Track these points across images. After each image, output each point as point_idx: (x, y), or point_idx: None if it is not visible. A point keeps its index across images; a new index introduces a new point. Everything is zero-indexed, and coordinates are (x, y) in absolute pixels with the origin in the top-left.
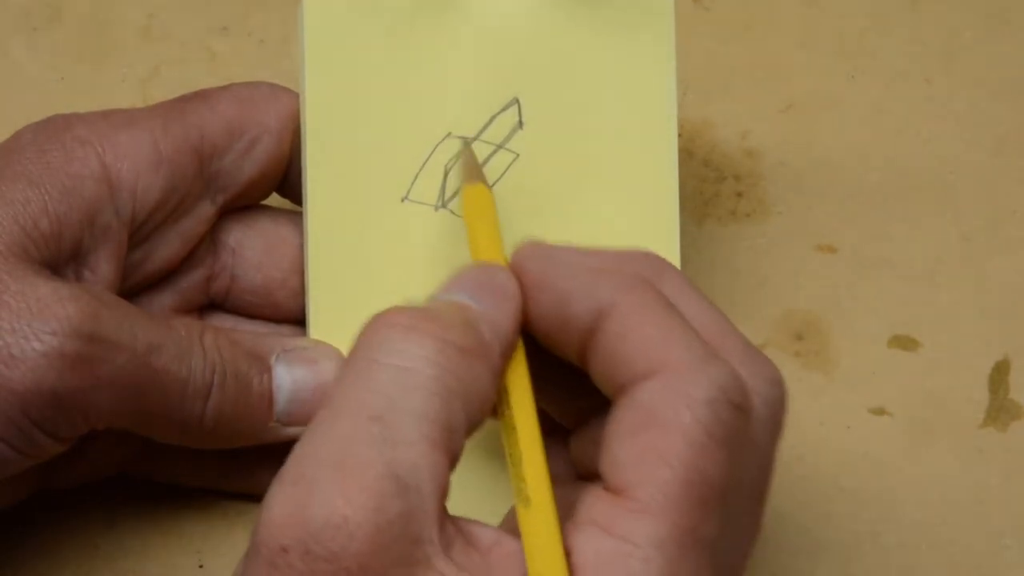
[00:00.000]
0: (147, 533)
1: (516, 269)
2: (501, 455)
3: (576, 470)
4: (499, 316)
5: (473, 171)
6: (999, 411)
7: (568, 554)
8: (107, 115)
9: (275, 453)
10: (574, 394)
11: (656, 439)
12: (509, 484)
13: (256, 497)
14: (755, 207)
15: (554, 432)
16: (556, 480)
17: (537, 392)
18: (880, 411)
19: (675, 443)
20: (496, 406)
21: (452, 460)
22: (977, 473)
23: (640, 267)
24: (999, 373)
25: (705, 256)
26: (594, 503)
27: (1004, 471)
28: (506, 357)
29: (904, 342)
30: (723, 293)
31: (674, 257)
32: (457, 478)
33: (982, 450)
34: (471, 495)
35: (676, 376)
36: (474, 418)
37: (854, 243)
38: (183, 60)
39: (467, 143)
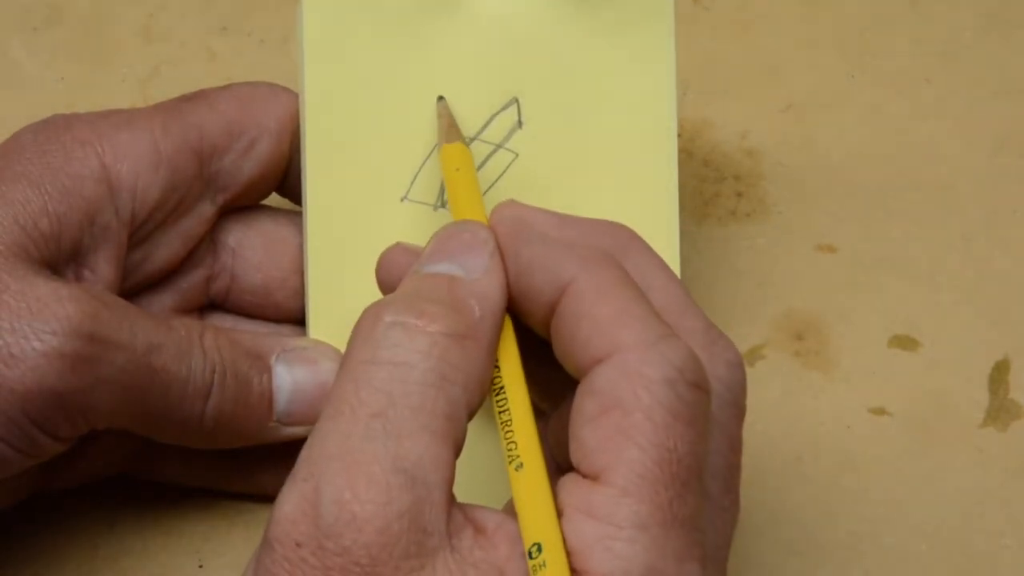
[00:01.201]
0: (147, 533)
1: (491, 229)
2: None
3: (555, 461)
4: (487, 284)
5: (451, 130)
6: (999, 411)
7: None
8: (107, 115)
9: (275, 453)
10: (544, 365)
11: (620, 421)
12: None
13: (256, 497)
14: (755, 207)
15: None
16: None
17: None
18: (880, 411)
19: (639, 424)
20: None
21: (456, 448)
22: (977, 473)
23: (607, 240)
24: (999, 373)
25: (705, 256)
26: (572, 490)
27: (1004, 471)
28: (497, 327)
29: (904, 342)
30: (723, 293)
31: (674, 257)
32: (464, 466)
33: (982, 450)
34: (477, 481)
35: (630, 357)
36: (474, 400)
37: (854, 243)
38: (183, 60)
39: (443, 101)
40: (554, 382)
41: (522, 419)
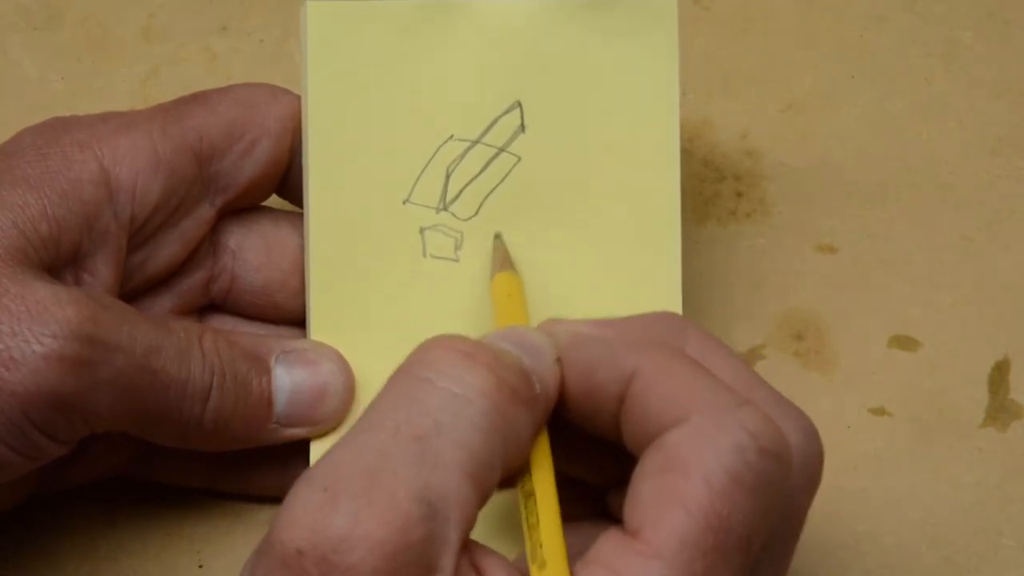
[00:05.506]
0: (147, 533)
1: None
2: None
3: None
4: (549, 376)
5: (504, 262)
6: (999, 411)
7: None
8: (106, 118)
9: (275, 454)
10: (610, 466)
11: (677, 481)
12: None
13: (256, 497)
14: (755, 207)
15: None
16: (578, 523)
17: (573, 464)
18: (880, 411)
19: (695, 487)
20: (515, 473)
21: (483, 498)
22: (977, 473)
23: (661, 330)
24: (999, 373)
25: (705, 256)
26: (605, 543)
27: (1004, 471)
28: (545, 416)
29: (904, 342)
30: (723, 293)
31: (675, 257)
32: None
33: (982, 450)
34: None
35: (703, 420)
36: (510, 464)
37: (854, 243)
38: (183, 60)
39: (499, 239)
40: (617, 476)
41: (550, 523)
